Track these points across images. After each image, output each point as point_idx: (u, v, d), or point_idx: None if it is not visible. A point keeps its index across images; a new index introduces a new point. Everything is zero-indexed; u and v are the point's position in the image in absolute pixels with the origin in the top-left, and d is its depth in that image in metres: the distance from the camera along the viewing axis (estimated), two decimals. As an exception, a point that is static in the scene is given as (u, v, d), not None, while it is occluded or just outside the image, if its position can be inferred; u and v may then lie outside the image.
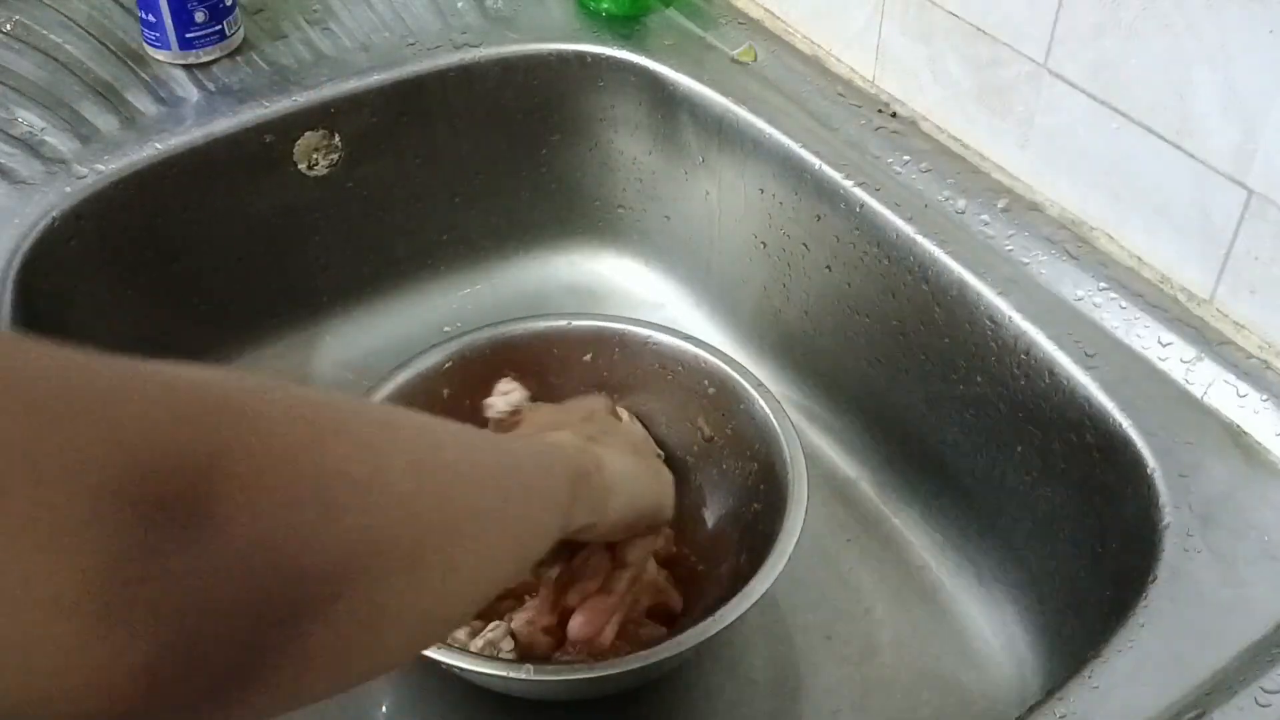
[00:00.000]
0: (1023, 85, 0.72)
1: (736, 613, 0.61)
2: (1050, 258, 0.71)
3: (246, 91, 0.81)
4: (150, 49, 0.83)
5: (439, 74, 0.85)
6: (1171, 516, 0.59)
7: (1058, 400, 0.66)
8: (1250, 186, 0.62)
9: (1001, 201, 0.74)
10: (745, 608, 0.62)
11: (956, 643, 0.73)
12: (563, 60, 0.87)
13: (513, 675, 0.61)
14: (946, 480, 0.76)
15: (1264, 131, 0.60)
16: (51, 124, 0.78)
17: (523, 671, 0.61)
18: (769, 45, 0.87)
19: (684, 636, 0.61)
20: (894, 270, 0.75)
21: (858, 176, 0.76)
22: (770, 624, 0.73)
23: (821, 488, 0.80)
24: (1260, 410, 0.63)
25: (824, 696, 0.70)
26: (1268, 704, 0.51)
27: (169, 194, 0.78)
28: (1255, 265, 0.63)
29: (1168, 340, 0.66)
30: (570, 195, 0.93)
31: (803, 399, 0.84)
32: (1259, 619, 0.55)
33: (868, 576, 0.76)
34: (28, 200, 0.73)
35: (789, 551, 0.63)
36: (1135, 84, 0.66)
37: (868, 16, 0.80)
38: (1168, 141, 0.65)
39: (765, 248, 0.84)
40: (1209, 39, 0.61)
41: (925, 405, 0.76)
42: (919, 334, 0.74)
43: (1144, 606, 0.56)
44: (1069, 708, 0.52)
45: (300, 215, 0.84)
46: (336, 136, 0.83)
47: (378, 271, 0.89)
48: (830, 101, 0.82)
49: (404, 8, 0.89)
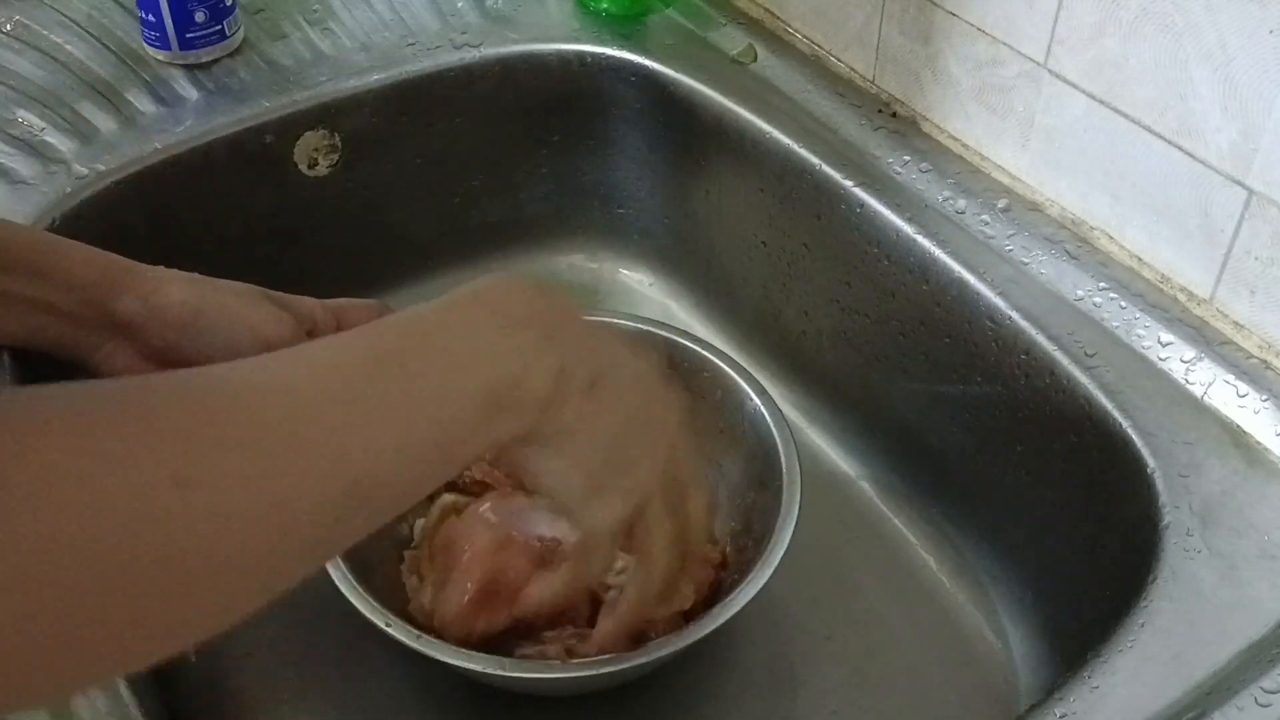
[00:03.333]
0: (1023, 85, 0.72)
1: (732, 610, 0.62)
2: (1050, 258, 0.71)
3: (246, 91, 0.81)
4: (150, 49, 0.83)
5: (439, 74, 0.85)
6: (1171, 516, 0.59)
7: (1058, 400, 0.66)
8: (1250, 186, 0.62)
9: (1001, 201, 0.74)
10: (742, 604, 0.62)
11: (956, 643, 0.73)
12: (563, 60, 0.87)
13: (499, 672, 0.61)
14: (946, 480, 0.76)
15: (1264, 131, 0.60)
16: (51, 124, 0.78)
17: (512, 669, 0.61)
18: (769, 45, 0.87)
19: (683, 633, 0.61)
20: (894, 270, 0.74)
21: (858, 176, 0.76)
22: (770, 624, 0.73)
23: (821, 488, 0.80)
24: (1260, 410, 0.63)
25: (824, 696, 0.70)
26: (1268, 704, 0.52)
27: (169, 194, 0.78)
28: (1255, 265, 0.63)
29: (1168, 340, 0.66)
30: (570, 195, 0.93)
31: (803, 399, 0.84)
32: (1259, 619, 0.55)
33: (868, 576, 0.76)
34: (28, 200, 0.73)
35: (783, 550, 0.64)
36: (1135, 84, 0.66)
37: (867, 16, 0.80)
38: (1168, 141, 0.65)
39: (765, 248, 0.84)
40: (1209, 39, 0.61)
41: (925, 405, 0.76)
42: (919, 334, 0.74)
43: (1144, 606, 0.56)
44: (1069, 708, 0.52)
45: (300, 215, 0.84)
46: (336, 136, 0.83)
47: (377, 271, 0.89)
48: (830, 101, 0.82)
49: (404, 8, 0.89)
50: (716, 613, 0.61)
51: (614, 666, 0.61)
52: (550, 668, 0.62)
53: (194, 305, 0.62)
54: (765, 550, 0.64)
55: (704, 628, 0.61)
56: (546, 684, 0.63)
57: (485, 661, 0.61)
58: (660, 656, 0.61)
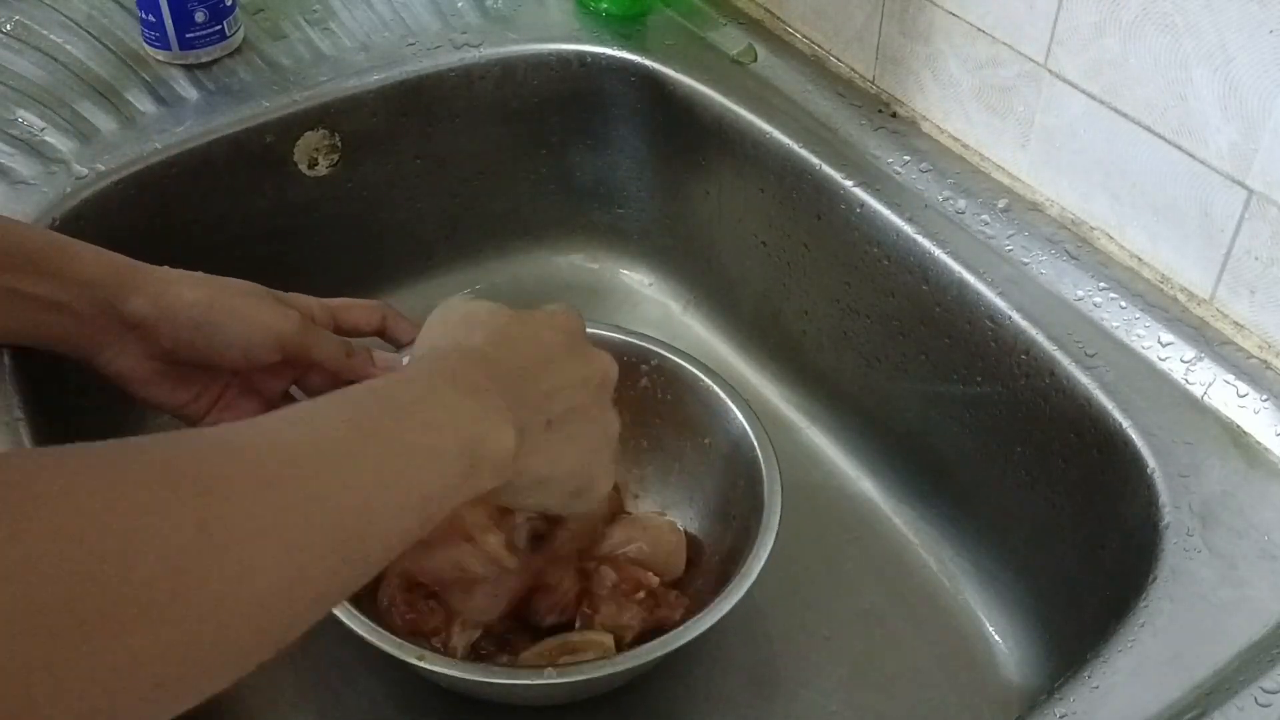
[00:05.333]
0: (1023, 85, 0.72)
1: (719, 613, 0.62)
2: (1050, 258, 0.71)
3: (246, 91, 0.81)
4: (150, 49, 0.83)
5: (439, 74, 0.85)
6: (1171, 516, 0.59)
7: (1058, 400, 0.66)
8: (1250, 186, 0.62)
9: (1001, 201, 0.74)
10: (728, 608, 0.62)
11: (956, 643, 0.73)
12: (563, 60, 0.87)
13: (487, 680, 0.61)
14: (946, 480, 0.76)
15: (1264, 131, 0.60)
16: (51, 124, 0.78)
17: (502, 676, 0.62)
18: (769, 45, 0.87)
19: (666, 638, 0.62)
20: (894, 270, 0.75)
21: (858, 176, 0.76)
22: (770, 624, 0.73)
23: (821, 488, 0.80)
24: (1260, 410, 0.63)
25: (824, 696, 0.70)
26: (1268, 704, 0.52)
27: (169, 194, 0.78)
28: (1255, 265, 0.63)
29: (1168, 340, 0.66)
30: (570, 195, 0.93)
31: (802, 399, 0.84)
32: (1259, 619, 0.55)
33: (868, 576, 0.76)
34: (28, 200, 0.73)
35: (765, 556, 0.64)
36: (1135, 84, 0.66)
37: (867, 16, 0.80)
38: (1168, 141, 0.65)
39: (765, 248, 0.84)
40: (1209, 39, 0.61)
41: (925, 405, 0.76)
42: (919, 334, 0.74)
43: (1144, 606, 0.56)
44: (1069, 708, 0.52)
45: (300, 215, 0.84)
46: (336, 136, 0.83)
47: (377, 272, 0.89)
48: (830, 101, 0.82)
49: (404, 8, 0.89)
50: (694, 622, 0.61)
51: (597, 673, 0.61)
52: (507, 674, 0.63)
53: (205, 304, 0.63)
54: (747, 556, 0.64)
55: (681, 636, 0.61)
56: (537, 690, 0.63)
57: (465, 670, 0.61)
58: (644, 662, 0.61)
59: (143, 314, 0.62)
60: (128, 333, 0.62)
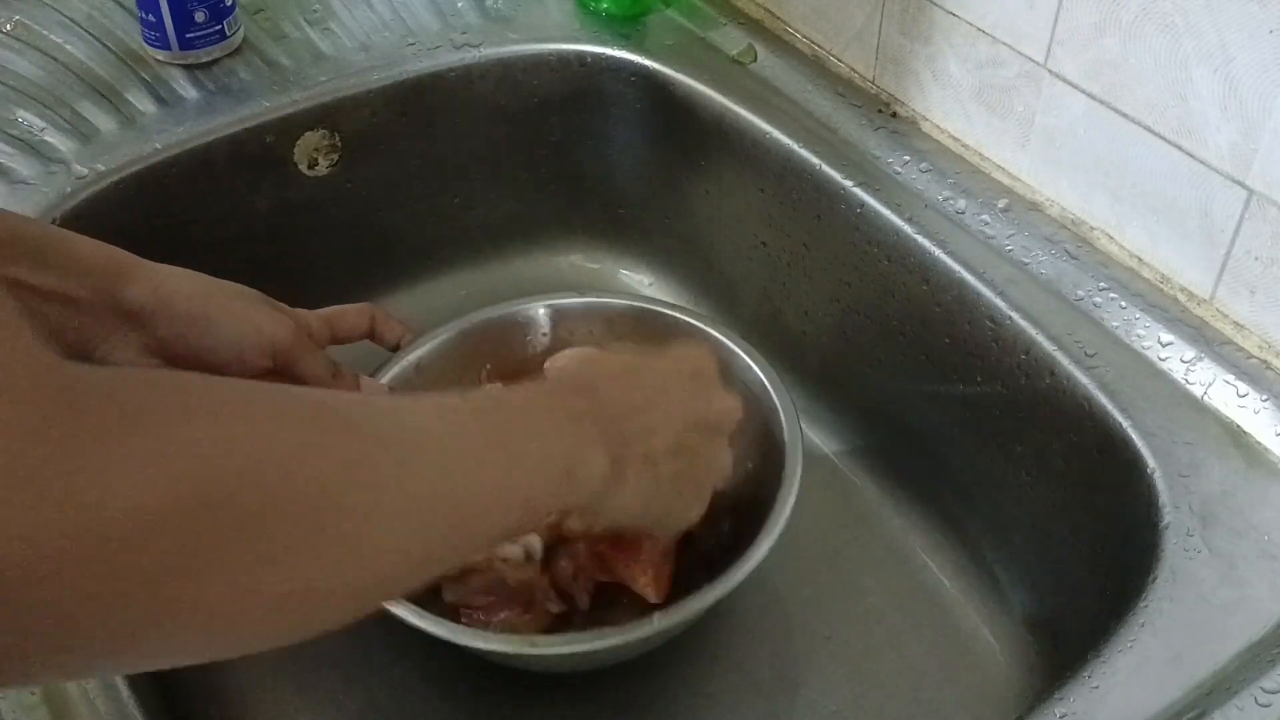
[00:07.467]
0: (1023, 85, 0.72)
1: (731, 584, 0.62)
2: (1050, 258, 0.71)
3: (246, 91, 0.81)
4: (150, 49, 0.83)
5: (439, 74, 0.85)
6: (1171, 516, 0.59)
7: (1058, 400, 0.66)
8: (1250, 186, 0.62)
9: (1001, 201, 0.74)
10: (740, 578, 0.62)
11: (956, 643, 0.73)
12: (563, 60, 0.87)
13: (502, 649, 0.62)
14: (947, 480, 0.76)
15: (1264, 131, 0.60)
16: (51, 124, 0.78)
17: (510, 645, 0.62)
18: (769, 45, 0.87)
19: (678, 606, 0.62)
20: (894, 270, 0.75)
21: (858, 176, 0.76)
22: (770, 623, 0.73)
23: (822, 487, 0.80)
24: (1260, 410, 0.63)
25: (824, 696, 0.70)
26: (1268, 704, 0.52)
27: (169, 194, 0.78)
28: (1255, 265, 0.63)
29: (1168, 340, 0.66)
30: (570, 195, 0.93)
31: (803, 399, 0.84)
32: (1259, 619, 0.55)
33: (868, 576, 0.76)
34: (28, 200, 0.73)
35: (783, 522, 0.64)
36: (1135, 84, 0.66)
37: (868, 16, 0.80)
38: (1168, 141, 0.65)
39: (765, 248, 0.84)
40: (1209, 39, 0.61)
41: (925, 405, 0.76)
42: (919, 334, 0.74)
43: (1144, 606, 0.56)
44: (1069, 708, 0.52)
45: (300, 215, 0.84)
46: (336, 136, 0.83)
47: (377, 271, 0.89)
48: (830, 101, 0.82)
49: (404, 8, 0.89)
50: (725, 578, 0.61)
51: (624, 637, 0.61)
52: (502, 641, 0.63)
53: (202, 298, 0.64)
54: (770, 515, 0.64)
55: (712, 593, 0.61)
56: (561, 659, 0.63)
57: (478, 638, 0.61)
58: (674, 623, 0.62)
59: (140, 302, 0.62)
60: (125, 323, 0.63)
